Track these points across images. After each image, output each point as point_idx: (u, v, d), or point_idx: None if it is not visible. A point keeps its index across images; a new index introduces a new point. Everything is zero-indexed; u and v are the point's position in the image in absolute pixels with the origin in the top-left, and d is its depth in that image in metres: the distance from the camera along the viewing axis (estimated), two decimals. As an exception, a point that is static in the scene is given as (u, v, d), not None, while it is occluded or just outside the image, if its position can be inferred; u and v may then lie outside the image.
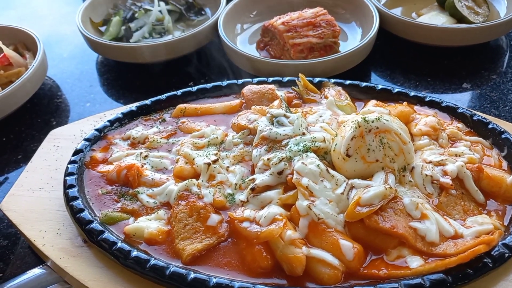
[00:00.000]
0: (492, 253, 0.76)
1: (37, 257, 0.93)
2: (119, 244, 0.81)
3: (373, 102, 1.06)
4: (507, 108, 1.19)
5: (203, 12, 1.57)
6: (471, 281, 0.74)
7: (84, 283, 0.80)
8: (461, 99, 1.24)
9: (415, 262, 0.75)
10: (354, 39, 1.41)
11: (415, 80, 1.31)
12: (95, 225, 0.84)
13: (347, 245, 0.76)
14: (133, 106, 1.10)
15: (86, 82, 1.41)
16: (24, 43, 1.42)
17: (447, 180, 0.86)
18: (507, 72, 1.31)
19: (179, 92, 1.13)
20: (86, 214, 0.86)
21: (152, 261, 0.78)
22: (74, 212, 0.87)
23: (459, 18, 1.37)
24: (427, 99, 1.06)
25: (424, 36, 1.32)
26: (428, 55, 1.37)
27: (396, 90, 1.10)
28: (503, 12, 1.42)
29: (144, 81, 1.39)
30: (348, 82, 1.13)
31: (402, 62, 1.39)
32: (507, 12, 1.40)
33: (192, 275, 0.76)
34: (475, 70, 1.31)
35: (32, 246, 0.90)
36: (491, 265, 0.75)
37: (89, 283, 0.80)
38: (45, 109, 1.33)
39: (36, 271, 0.88)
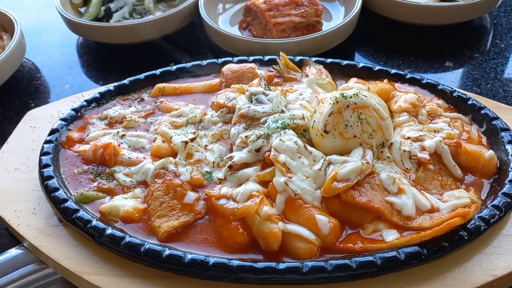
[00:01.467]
0: (468, 226, 0.76)
1: (14, 238, 0.92)
2: (94, 222, 0.80)
3: (353, 79, 1.05)
4: (488, 86, 1.19)
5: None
6: (447, 254, 0.74)
7: (59, 262, 0.79)
8: (443, 78, 1.23)
9: (390, 236, 0.75)
10: (337, 18, 1.40)
11: (398, 59, 1.31)
12: (70, 204, 0.83)
13: (323, 220, 0.76)
14: (111, 85, 1.09)
15: (66, 64, 1.39)
16: (1, 24, 1.39)
17: (424, 155, 0.85)
18: (490, 50, 1.30)
19: (158, 71, 1.12)
20: (61, 193, 0.85)
21: (127, 239, 0.77)
22: (49, 191, 0.86)
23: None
24: (407, 77, 1.05)
25: (407, 15, 1.31)
26: (411, 34, 1.36)
27: (377, 68, 1.09)
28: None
29: (125, 62, 1.37)
30: (329, 60, 1.12)
31: (386, 41, 1.38)
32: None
33: (167, 252, 0.75)
34: (458, 49, 1.31)
35: (8, 227, 0.88)
36: (466, 238, 0.75)
37: (64, 262, 0.79)
38: (23, 91, 1.30)
39: (13, 252, 0.88)
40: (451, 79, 1.23)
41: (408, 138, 0.89)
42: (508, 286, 0.76)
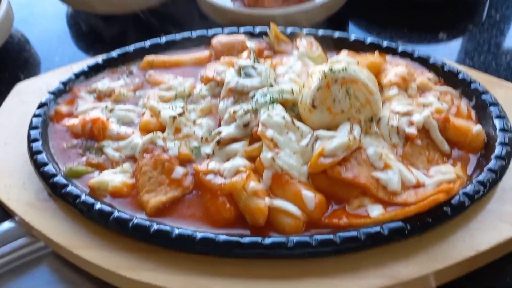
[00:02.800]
0: (452, 202, 0.77)
1: (6, 212, 0.93)
2: (83, 197, 0.81)
3: (345, 52, 1.04)
4: (481, 58, 1.18)
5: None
6: (430, 229, 0.75)
7: (49, 236, 0.80)
8: (436, 50, 1.22)
9: (375, 211, 0.76)
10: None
11: (391, 31, 1.29)
12: (59, 179, 0.83)
13: (309, 195, 0.77)
14: (99, 58, 1.07)
15: (55, 35, 1.37)
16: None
17: (412, 131, 0.85)
18: (484, 22, 1.28)
19: (147, 44, 1.10)
20: (50, 168, 0.85)
21: (116, 214, 0.78)
22: (38, 166, 0.86)
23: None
24: (399, 50, 1.04)
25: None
26: (406, 5, 1.34)
27: (369, 40, 1.07)
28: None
29: (115, 33, 1.34)
30: (321, 32, 1.10)
31: (379, 12, 1.36)
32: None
33: (155, 227, 0.76)
34: (452, 21, 1.29)
35: (-2, 201, 0.89)
36: (450, 214, 0.76)
37: (54, 236, 0.80)
38: (13, 63, 1.29)
39: (5, 225, 0.89)
40: (444, 51, 1.22)
41: (397, 112, 0.89)
42: (491, 260, 0.78)
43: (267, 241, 0.73)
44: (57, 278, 0.85)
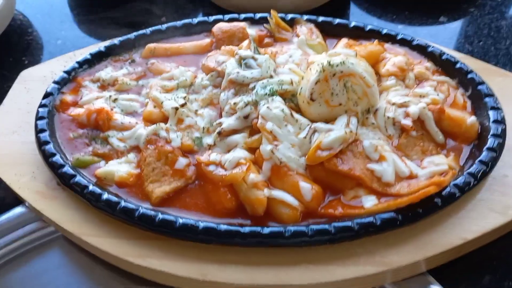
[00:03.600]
0: (443, 193, 0.80)
1: (17, 199, 0.97)
2: (91, 187, 0.85)
3: (344, 40, 1.05)
4: (480, 43, 1.19)
5: None
6: (421, 219, 0.79)
7: (59, 224, 0.85)
8: (436, 34, 1.22)
9: (369, 202, 0.80)
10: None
11: (392, 13, 1.29)
12: (67, 169, 0.87)
13: (306, 187, 0.80)
14: (101, 46, 1.09)
15: (57, 17, 1.38)
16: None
17: (407, 122, 0.88)
18: (486, 4, 1.28)
19: (148, 31, 1.11)
20: (58, 158, 0.89)
21: (122, 204, 0.82)
22: (46, 157, 0.89)
23: None
24: (398, 38, 1.05)
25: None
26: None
27: (369, 27, 1.08)
28: None
29: (116, 15, 1.36)
30: (321, 19, 1.11)
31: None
32: None
33: (160, 217, 0.80)
34: (454, 3, 1.28)
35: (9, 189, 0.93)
36: (440, 205, 0.79)
37: (64, 224, 0.85)
38: (15, 47, 1.30)
39: (17, 210, 0.93)
40: (444, 35, 1.22)
41: (394, 104, 0.91)
42: (477, 246, 0.82)
43: (266, 230, 0.77)
44: (68, 261, 0.90)
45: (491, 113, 0.90)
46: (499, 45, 1.18)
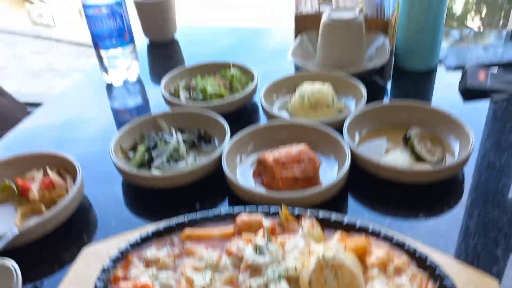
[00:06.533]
0: None
1: None
2: None
3: (338, 234, 1.34)
4: (449, 241, 1.45)
5: (211, 142, 1.92)
6: None
7: None
8: (417, 230, 1.50)
9: None
10: (332, 172, 1.72)
11: (380, 210, 1.59)
12: (117, 335, 1.09)
13: None
14: (149, 231, 1.40)
15: (112, 201, 1.73)
16: (64, 166, 1.76)
17: (388, 311, 1.10)
18: (463, 204, 1.58)
19: (186, 219, 1.43)
20: (108, 324, 1.12)
21: None
22: (101, 325, 1.13)
23: (418, 157, 1.68)
24: (381, 235, 1.33)
25: (387, 174, 1.63)
26: (393, 188, 1.66)
27: (358, 225, 1.38)
28: (457, 151, 1.73)
29: (160, 202, 1.70)
30: (321, 215, 1.42)
31: (371, 194, 1.67)
32: (459, 153, 1.71)
33: None
34: (431, 203, 1.59)
35: None
36: None
37: None
38: (78, 226, 1.63)
39: None
40: (420, 232, 1.49)
41: (376, 292, 1.15)
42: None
43: None
44: None
45: (455, 303, 1.12)
46: (468, 244, 1.44)
